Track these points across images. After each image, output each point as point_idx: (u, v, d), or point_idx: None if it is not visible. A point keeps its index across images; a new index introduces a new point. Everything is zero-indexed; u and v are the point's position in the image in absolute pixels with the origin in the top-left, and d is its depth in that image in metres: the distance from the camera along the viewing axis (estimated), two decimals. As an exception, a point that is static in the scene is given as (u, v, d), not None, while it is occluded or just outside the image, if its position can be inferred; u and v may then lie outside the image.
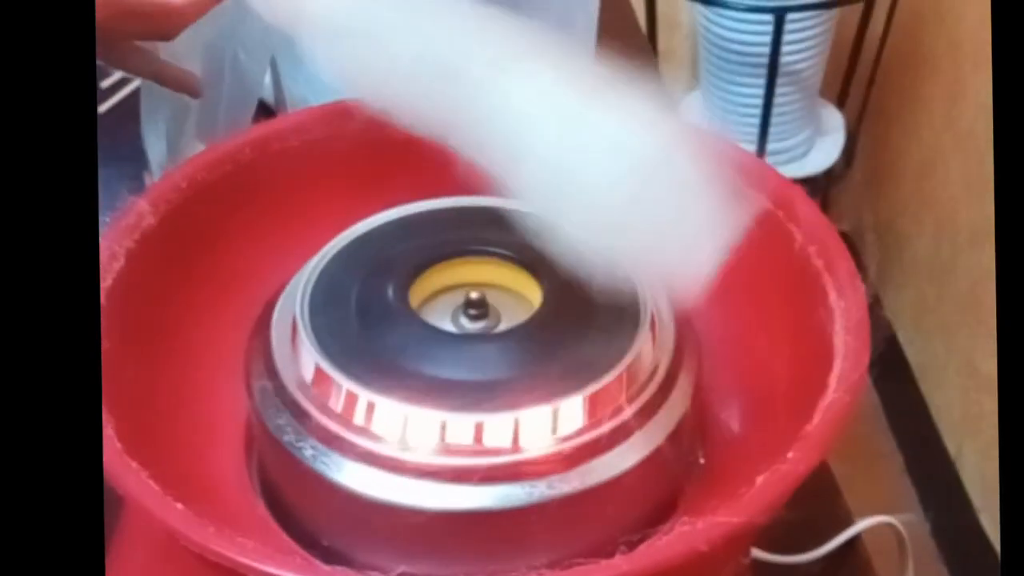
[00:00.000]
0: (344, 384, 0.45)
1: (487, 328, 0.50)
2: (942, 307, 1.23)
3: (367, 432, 0.45)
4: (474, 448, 0.44)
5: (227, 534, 0.41)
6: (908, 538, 0.68)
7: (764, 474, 0.42)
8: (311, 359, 0.47)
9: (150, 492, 0.42)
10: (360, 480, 0.45)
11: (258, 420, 0.48)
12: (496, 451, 0.44)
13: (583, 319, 0.48)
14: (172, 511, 0.42)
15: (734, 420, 0.54)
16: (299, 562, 0.46)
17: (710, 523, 0.41)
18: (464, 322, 0.50)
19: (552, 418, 0.45)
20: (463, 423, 0.44)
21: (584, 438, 0.45)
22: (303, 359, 0.47)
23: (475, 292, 0.50)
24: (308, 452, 0.46)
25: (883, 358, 0.47)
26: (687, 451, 0.51)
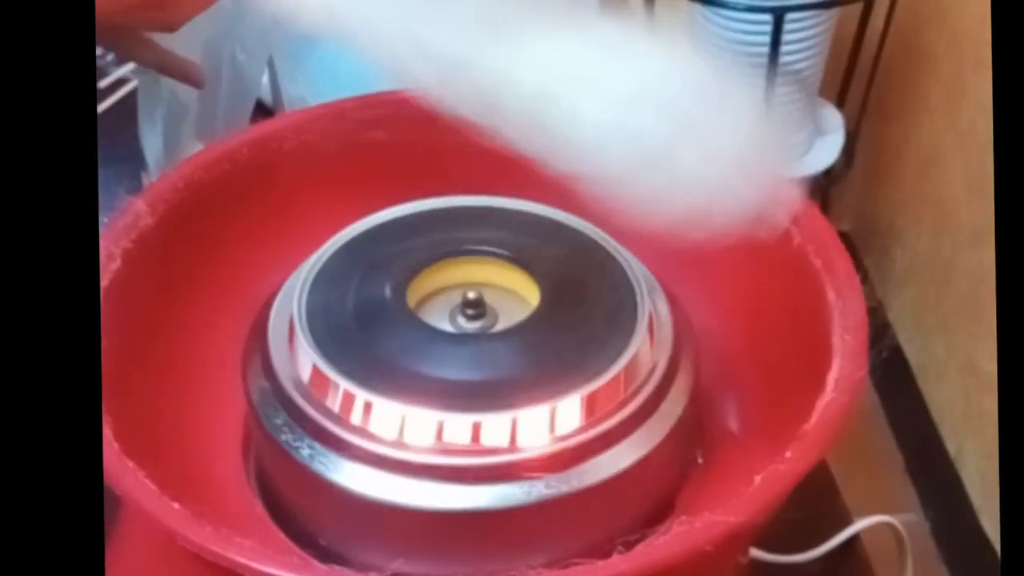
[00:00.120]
0: (341, 384, 0.45)
1: (485, 328, 0.50)
2: (942, 306, 1.23)
3: (364, 432, 0.45)
4: (471, 448, 0.44)
5: (224, 534, 0.41)
6: (907, 537, 0.68)
7: (762, 473, 0.42)
8: (308, 359, 0.47)
9: (148, 492, 0.42)
10: (357, 480, 0.45)
11: (256, 420, 0.48)
12: (493, 451, 0.44)
13: (581, 319, 0.48)
14: (170, 511, 0.42)
15: (732, 419, 0.54)
16: (296, 561, 0.46)
17: (708, 522, 0.41)
18: (462, 322, 0.50)
19: (550, 418, 0.45)
20: (460, 423, 0.44)
21: (582, 437, 0.45)
22: (300, 359, 0.47)
23: (472, 292, 0.50)
24: (305, 452, 0.46)
25: (882, 356, 0.47)
26: (685, 450, 0.51)
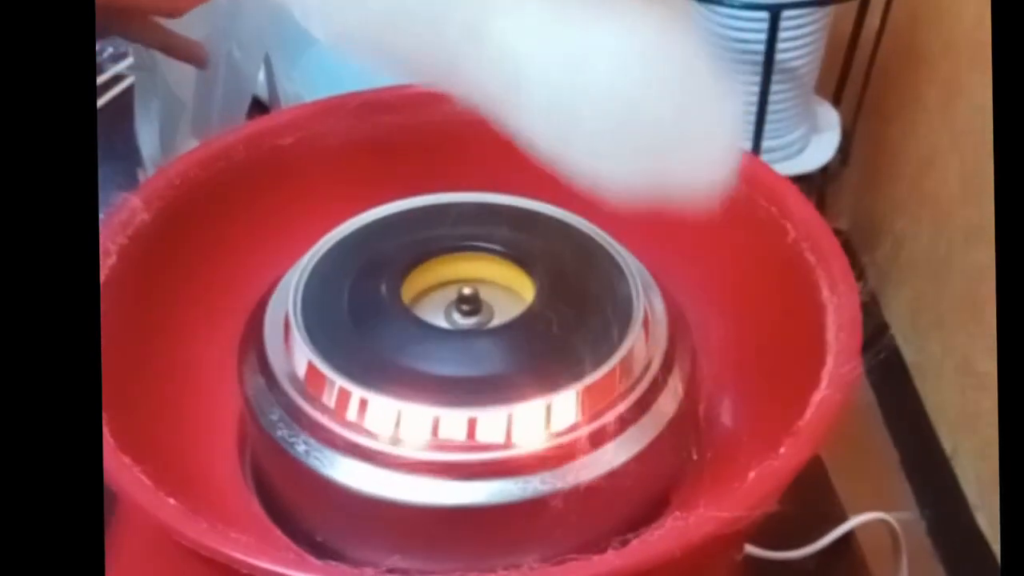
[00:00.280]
0: (337, 380, 0.45)
1: (480, 324, 0.50)
2: (939, 305, 1.23)
3: (360, 428, 0.45)
4: (467, 444, 0.44)
5: (220, 530, 0.41)
6: (902, 534, 0.68)
7: (756, 469, 0.42)
8: (304, 355, 0.47)
9: (143, 488, 0.42)
10: (353, 476, 0.45)
11: (251, 416, 0.48)
12: (489, 447, 0.44)
13: (576, 314, 0.48)
14: (165, 507, 0.42)
15: (727, 415, 0.54)
16: (292, 558, 0.46)
17: (702, 518, 0.41)
18: (457, 318, 0.50)
19: (545, 413, 0.45)
20: (456, 418, 0.44)
21: (577, 433, 0.45)
22: (296, 355, 0.47)
23: (468, 288, 0.50)
24: (301, 448, 0.46)
25: (879, 357, 0.47)
26: (680, 446, 0.51)
